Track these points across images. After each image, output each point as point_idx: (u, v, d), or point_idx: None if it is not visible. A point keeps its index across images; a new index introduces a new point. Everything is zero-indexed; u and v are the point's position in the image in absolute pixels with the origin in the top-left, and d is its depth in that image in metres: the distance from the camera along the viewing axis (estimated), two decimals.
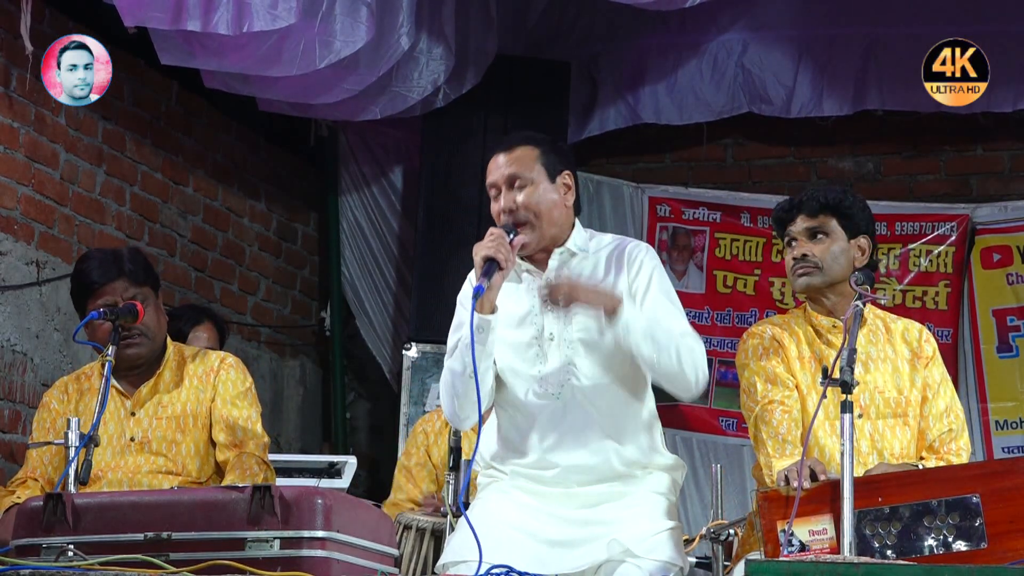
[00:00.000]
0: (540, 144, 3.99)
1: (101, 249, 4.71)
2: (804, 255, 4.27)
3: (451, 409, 3.92)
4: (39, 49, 5.12)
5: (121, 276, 4.33)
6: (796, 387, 4.24)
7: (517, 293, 3.96)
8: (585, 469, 3.91)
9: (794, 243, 4.32)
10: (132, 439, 4.32)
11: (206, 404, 4.40)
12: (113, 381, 4.29)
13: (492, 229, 3.86)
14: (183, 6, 5.38)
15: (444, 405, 3.96)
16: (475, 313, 3.75)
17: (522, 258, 3.96)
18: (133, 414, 4.35)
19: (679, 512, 4.06)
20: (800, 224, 4.31)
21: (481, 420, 3.82)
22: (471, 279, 3.96)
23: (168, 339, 4.49)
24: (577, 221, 4.04)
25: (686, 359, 3.79)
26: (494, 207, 3.96)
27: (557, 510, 3.91)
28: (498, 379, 3.95)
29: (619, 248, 4.01)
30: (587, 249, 3.99)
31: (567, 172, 3.98)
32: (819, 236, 4.28)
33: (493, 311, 3.80)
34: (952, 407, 4.30)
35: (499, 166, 3.95)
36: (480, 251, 3.80)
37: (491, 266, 3.78)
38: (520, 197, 3.90)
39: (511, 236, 3.86)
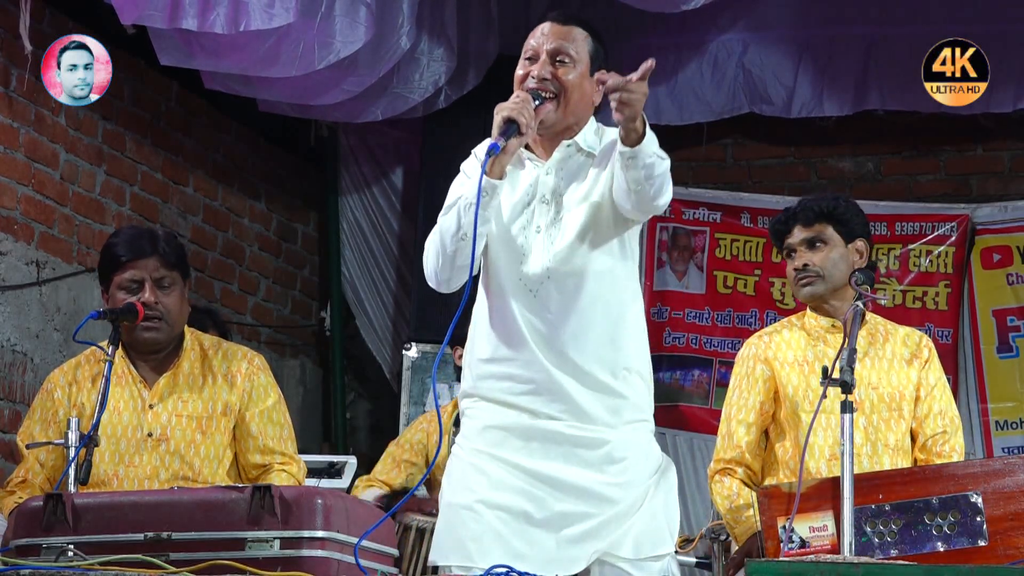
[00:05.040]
0: (594, 35, 3.81)
1: (135, 225, 4.55)
2: (805, 265, 4.36)
3: (433, 268, 3.71)
4: (39, 49, 5.12)
5: (154, 254, 4.16)
6: (785, 397, 4.29)
7: (515, 179, 3.79)
8: (576, 372, 3.66)
9: (794, 254, 4.41)
10: (150, 434, 4.15)
11: (233, 408, 4.23)
12: (129, 366, 4.21)
13: (518, 91, 3.71)
14: (180, 4, 5.38)
15: (427, 265, 3.74)
16: (484, 175, 3.58)
17: (526, 147, 3.79)
18: (151, 407, 4.18)
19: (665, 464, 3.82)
20: (798, 235, 4.40)
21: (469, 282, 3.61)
22: (476, 153, 3.82)
23: (186, 327, 4.30)
24: (592, 119, 3.85)
25: (664, 189, 3.67)
26: (522, 70, 3.77)
27: (541, 465, 3.64)
28: (486, 262, 3.75)
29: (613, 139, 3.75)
30: (595, 149, 3.79)
31: (603, 71, 3.71)
32: (817, 245, 4.37)
33: (502, 176, 3.64)
34: (947, 411, 4.34)
35: (548, 35, 3.77)
36: (502, 111, 3.64)
37: (511, 128, 3.62)
38: (558, 72, 3.73)
39: (537, 102, 3.69)
